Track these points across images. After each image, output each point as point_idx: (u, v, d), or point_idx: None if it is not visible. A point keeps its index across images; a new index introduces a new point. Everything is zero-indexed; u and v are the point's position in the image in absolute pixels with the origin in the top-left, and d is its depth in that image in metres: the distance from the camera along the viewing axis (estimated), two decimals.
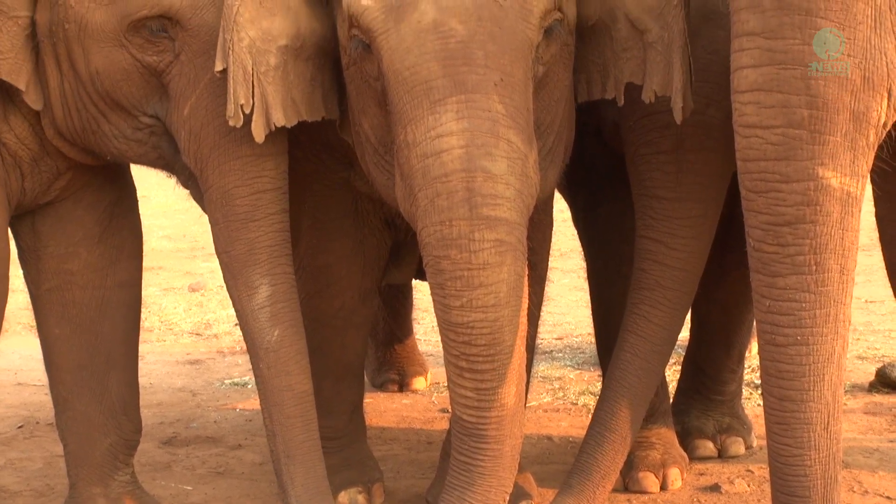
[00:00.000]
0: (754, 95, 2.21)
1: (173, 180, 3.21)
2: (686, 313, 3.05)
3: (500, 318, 2.44)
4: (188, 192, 3.26)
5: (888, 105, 2.19)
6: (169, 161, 2.90)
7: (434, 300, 2.50)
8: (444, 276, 2.43)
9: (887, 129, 2.27)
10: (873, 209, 2.99)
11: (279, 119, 2.64)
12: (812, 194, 2.19)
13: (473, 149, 2.39)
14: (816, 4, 2.13)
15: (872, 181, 2.92)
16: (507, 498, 2.67)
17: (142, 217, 3.25)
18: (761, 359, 2.36)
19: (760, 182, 2.24)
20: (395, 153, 2.51)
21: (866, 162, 2.22)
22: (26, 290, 3.19)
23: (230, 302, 2.91)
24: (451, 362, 2.51)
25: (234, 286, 2.80)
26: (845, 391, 4.34)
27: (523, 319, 2.55)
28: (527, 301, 2.57)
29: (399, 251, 3.36)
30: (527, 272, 2.78)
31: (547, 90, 2.61)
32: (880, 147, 2.63)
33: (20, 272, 3.16)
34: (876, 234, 3.08)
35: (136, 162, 3.03)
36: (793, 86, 2.17)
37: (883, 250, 3.06)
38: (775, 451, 2.36)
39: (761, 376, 2.39)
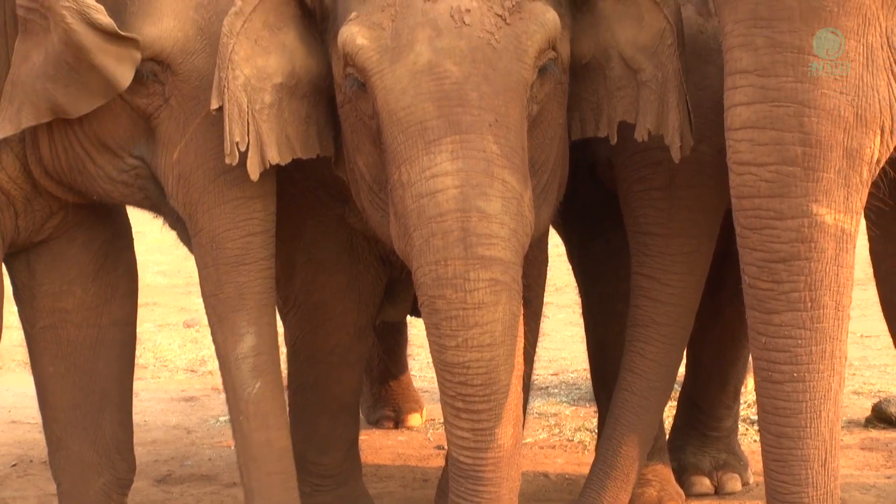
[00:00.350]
0: (748, 133, 2.23)
1: None
2: (683, 349, 3.05)
3: (495, 358, 2.44)
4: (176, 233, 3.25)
5: (881, 142, 2.21)
6: (155, 202, 2.91)
7: (430, 340, 2.50)
8: (440, 316, 2.43)
9: (881, 166, 2.28)
10: (867, 244, 2.99)
11: (273, 157, 2.65)
12: (806, 231, 2.20)
13: (468, 189, 2.40)
14: (808, 42, 2.16)
15: (867, 217, 2.93)
16: None
17: (136, 253, 3.26)
18: (758, 396, 2.36)
19: (755, 219, 2.25)
20: (390, 192, 2.51)
21: (860, 198, 2.23)
22: (20, 326, 3.18)
23: None
24: (448, 403, 2.50)
25: (220, 330, 2.80)
26: (842, 427, 4.37)
27: (519, 359, 2.55)
28: (522, 340, 2.57)
29: (394, 288, 3.36)
30: (522, 309, 2.79)
31: (541, 128, 2.62)
32: (875, 184, 2.65)
33: (14, 309, 3.15)
34: (871, 269, 3.08)
35: (122, 202, 3.04)
36: (786, 123, 2.18)
37: (878, 286, 3.07)
38: (773, 487, 2.36)
39: (758, 413, 2.39)
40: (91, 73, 2.60)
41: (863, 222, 2.98)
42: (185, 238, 3.07)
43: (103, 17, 2.56)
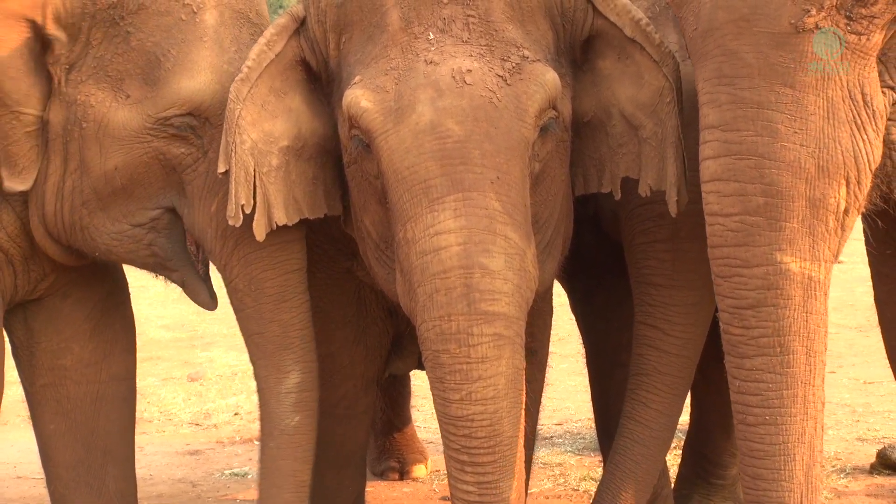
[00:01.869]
0: (715, 185, 2.27)
1: None
2: (684, 399, 3.06)
3: (499, 411, 2.43)
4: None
5: (847, 192, 2.23)
6: (162, 259, 2.91)
7: (434, 394, 2.50)
8: (444, 370, 2.43)
9: (852, 215, 2.29)
10: (872, 291, 3.03)
11: (280, 218, 2.68)
12: (772, 278, 2.23)
13: (471, 246, 2.40)
14: (767, 98, 2.20)
15: (870, 264, 2.97)
16: None
17: (140, 307, 3.28)
18: (737, 438, 2.38)
19: (724, 267, 2.29)
20: (396, 249, 2.52)
21: (828, 247, 2.25)
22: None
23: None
24: (452, 457, 2.49)
25: (265, 366, 2.82)
26: (846, 474, 4.36)
27: (521, 411, 2.54)
28: (523, 394, 2.56)
29: (401, 341, 3.37)
30: (528, 360, 2.75)
31: (544, 185, 2.63)
32: (868, 233, 2.67)
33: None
34: (872, 315, 3.10)
35: (124, 261, 3.04)
36: (748, 175, 2.22)
37: (883, 333, 3.08)
38: None
39: (739, 456, 2.40)
40: None
41: (867, 270, 3.03)
42: (192, 293, 3.04)
43: None
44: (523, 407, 2.57)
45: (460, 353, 2.41)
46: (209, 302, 2.98)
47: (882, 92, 2.24)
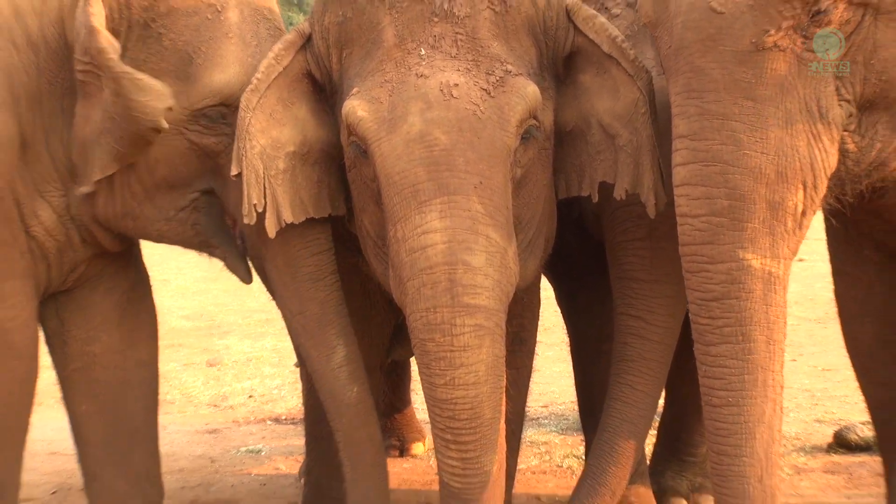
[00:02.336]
0: (684, 189, 2.31)
1: (192, 264, 3.25)
2: (664, 382, 3.05)
3: (479, 395, 2.43)
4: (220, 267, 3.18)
5: (805, 195, 2.26)
6: (205, 237, 2.93)
7: (421, 379, 2.50)
8: (430, 357, 2.43)
9: (809, 216, 2.32)
10: (831, 286, 3.05)
11: (288, 217, 2.68)
12: (735, 273, 2.26)
13: (455, 244, 2.40)
14: (731, 110, 2.23)
15: (830, 261, 2.99)
16: None
17: (162, 298, 3.23)
18: (704, 419, 2.40)
19: (692, 263, 2.32)
20: (388, 247, 2.52)
21: (787, 245, 2.27)
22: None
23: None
24: (438, 435, 2.50)
25: (312, 346, 2.82)
26: (805, 452, 4.37)
27: (502, 394, 2.55)
28: (504, 379, 2.56)
29: (401, 330, 3.27)
30: (517, 348, 2.82)
31: (526, 189, 2.62)
32: (828, 232, 2.71)
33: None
34: (831, 308, 3.11)
35: (173, 242, 3.04)
36: (714, 180, 2.25)
37: (841, 324, 3.10)
38: (719, 501, 2.41)
39: (706, 434, 2.43)
40: (134, 121, 2.63)
41: (826, 266, 3.04)
42: (234, 267, 3.05)
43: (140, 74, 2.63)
44: (504, 391, 2.56)
45: (444, 342, 2.41)
46: (246, 276, 3.00)
47: (839, 104, 2.26)
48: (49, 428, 4.29)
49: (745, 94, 2.22)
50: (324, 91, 2.78)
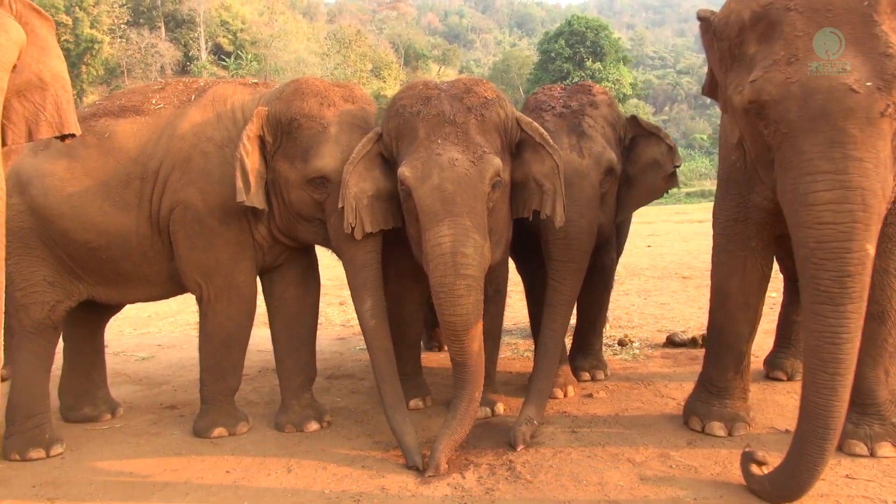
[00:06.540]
0: (830, 207, 1.99)
1: (322, 252, 3.17)
2: (570, 314, 2.96)
3: (468, 318, 2.42)
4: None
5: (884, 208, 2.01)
6: (321, 240, 2.86)
7: (437, 310, 2.46)
8: (441, 300, 2.41)
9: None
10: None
11: (368, 228, 2.65)
12: (864, 259, 1.97)
13: (456, 242, 2.38)
14: (864, 155, 1.95)
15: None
16: (480, 395, 2.57)
17: (320, 269, 3.15)
18: (823, 351, 2.01)
19: (832, 253, 1.98)
20: (422, 243, 2.48)
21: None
22: (264, 305, 3.09)
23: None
24: (446, 335, 2.48)
25: (355, 297, 2.70)
26: (651, 348, 4.14)
27: (480, 319, 2.48)
28: (482, 312, 2.47)
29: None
30: (494, 295, 2.74)
31: (495, 214, 2.57)
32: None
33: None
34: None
35: (317, 243, 2.93)
36: (854, 199, 1.97)
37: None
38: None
39: (804, 350, 2.07)
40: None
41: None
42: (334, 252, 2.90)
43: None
44: (482, 317, 2.49)
45: (449, 293, 2.40)
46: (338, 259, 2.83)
47: None
48: (258, 337, 4.16)
49: (871, 145, 1.96)
50: (388, 162, 2.70)
